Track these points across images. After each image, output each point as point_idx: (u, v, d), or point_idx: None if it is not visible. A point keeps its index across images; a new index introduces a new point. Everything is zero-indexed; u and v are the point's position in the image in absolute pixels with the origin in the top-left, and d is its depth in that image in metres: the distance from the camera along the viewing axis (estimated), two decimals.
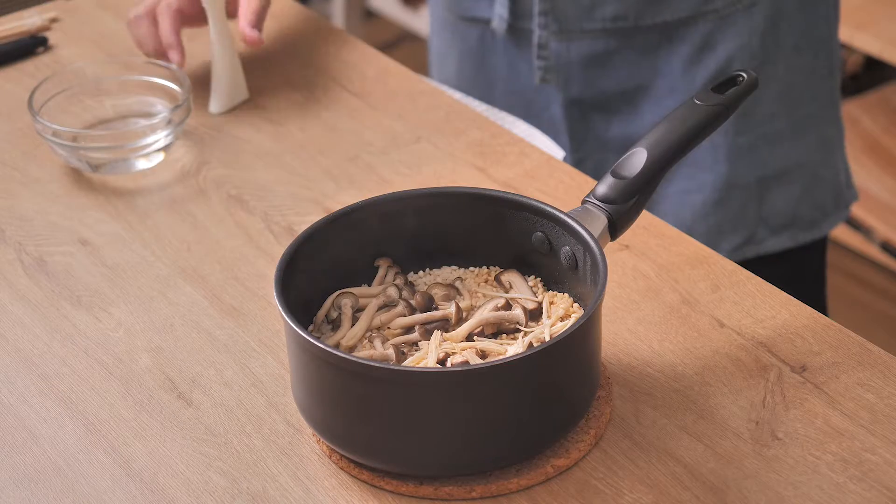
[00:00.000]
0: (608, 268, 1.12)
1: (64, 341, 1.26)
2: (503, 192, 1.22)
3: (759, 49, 1.66)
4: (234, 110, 1.58)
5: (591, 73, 1.69)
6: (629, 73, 1.68)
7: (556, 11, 1.66)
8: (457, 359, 1.11)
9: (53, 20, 1.73)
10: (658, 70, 1.68)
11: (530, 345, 1.13)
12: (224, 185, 1.46)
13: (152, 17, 1.56)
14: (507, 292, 1.20)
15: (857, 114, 2.95)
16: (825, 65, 1.73)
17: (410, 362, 1.12)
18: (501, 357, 1.10)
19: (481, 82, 1.79)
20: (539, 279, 1.21)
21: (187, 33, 1.61)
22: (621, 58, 1.68)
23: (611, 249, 1.29)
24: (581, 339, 1.09)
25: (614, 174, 1.18)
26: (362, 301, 1.19)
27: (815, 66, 1.72)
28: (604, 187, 1.18)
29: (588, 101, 1.71)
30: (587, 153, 1.74)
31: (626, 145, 1.70)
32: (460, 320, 1.17)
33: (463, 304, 1.18)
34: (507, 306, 1.16)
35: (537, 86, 1.72)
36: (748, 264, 1.35)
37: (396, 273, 1.22)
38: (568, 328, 1.08)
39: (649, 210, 1.38)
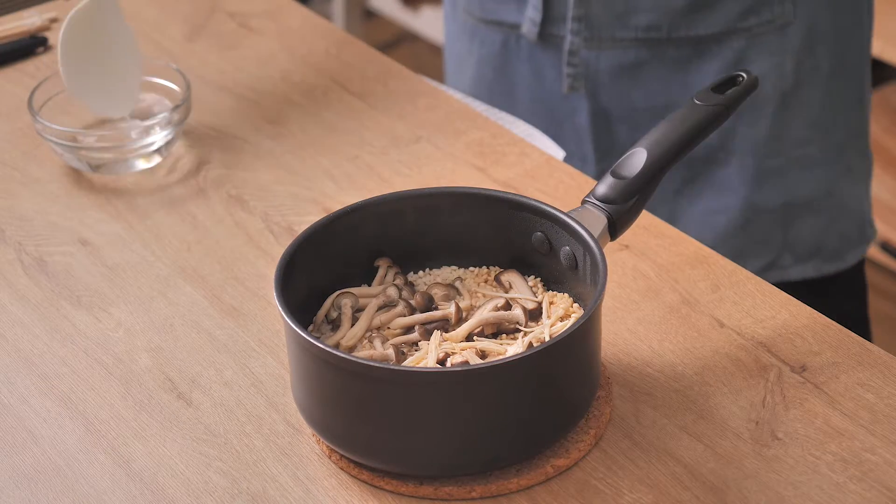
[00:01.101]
0: (608, 268, 1.12)
1: (64, 341, 1.26)
2: (503, 192, 1.22)
3: (792, 71, 1.64)
4: (234, 110, 1.58)
5: (620, 84, 1.67)
6: (659, 87, 1.66)
7: (589, 17, 1.64)
8: (457, 359, 1.11)
9: (53, 20, 1.73)
10: (688, 86, 1.65)
11: (530, 345, 1.13)
12: (224, 185, 1.46)
13: None
14: (507, 292, 1.20)
15: None
16: (856, 94, 1.71)
17: (410, 362, 1.12)
18: (501, 357, 1.10)
19: (501, 88, 1.77)
20: (539, 279, 1.21)
21: None
22: (652, 70, 1.66)
23: (611, 249, 1.29)
24: (581, 339, 1.09)
25: (614, 174, 1.18)
26: (362, 301, 1.19)
27: (848, 94, 1.70)
28: (604, 187, 1.18)
29: (615, 113, 1.69)
30: (611, 164, 1.71)
31: None
32: (460, 320, 1.17)
33: (463, 304, 1.18)
34: (507, 306, 1.16)
35: (564, 94, 1.70)
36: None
37: (396, 273, 1.22)
38: (568, 328, 1.08)
39: (672, 226, 1.38)
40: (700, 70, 1.65)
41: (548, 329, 1.14)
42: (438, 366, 1.11)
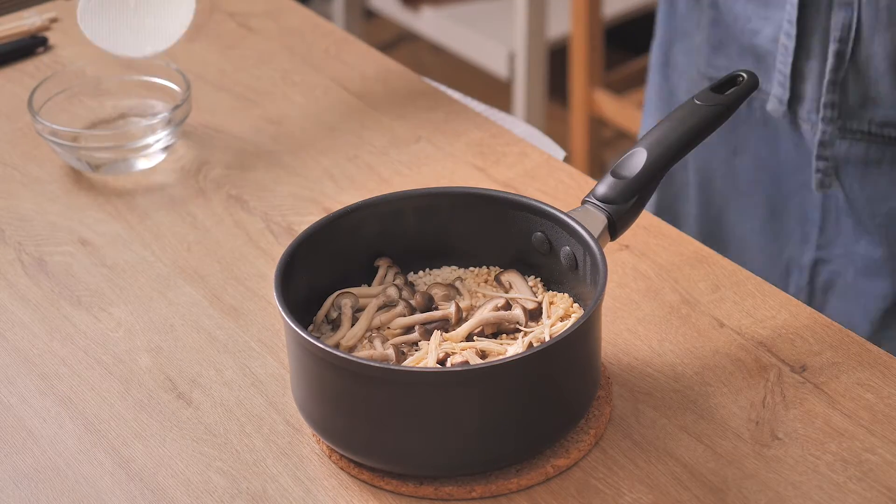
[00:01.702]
0: (608, 268, 1.12)
1: (64, 341, 1.26)
2: (503, 192, 1.22)
3: None
4: (234, 110, 1.58)
5: (865, 178, 1.46)
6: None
7: (842, 103, 1.43)
8: (457, 359, 1.11)
9: (53, 20, 1.73)
10: None
11: (530, 345, 1.12)
12: (224, 185, 1.46)
13: None
14: (507, 292, 1.20)
15: None
16: None
17: (410, 362, 1.12)
18: (501, 357, 1.10)
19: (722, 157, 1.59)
20: (539, 279, 1.21)
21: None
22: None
23: (611, 249, 1.29)
24: (581, 339, 1.09)
25: (614, 174, 1.18)
26: (362, 301, 1.19)
27: None
28: (604, 187, 1.18)
29: (853, 208, 1.49)
30: (831, 255, 1.53)
31: (870, 266, 1.47)
32: (460, 320, 1.17)
33: (463, 304, 1.18)
34: (507, 306, 1.16)
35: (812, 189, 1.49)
36: None
37: (396, 273, 1.22)
38: (568, 328, 1.08)
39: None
40: None
41: (548, 329, 1.14)
42: (438, 366, 1.11)
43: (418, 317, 1.17)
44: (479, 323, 1.16)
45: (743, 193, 1.57)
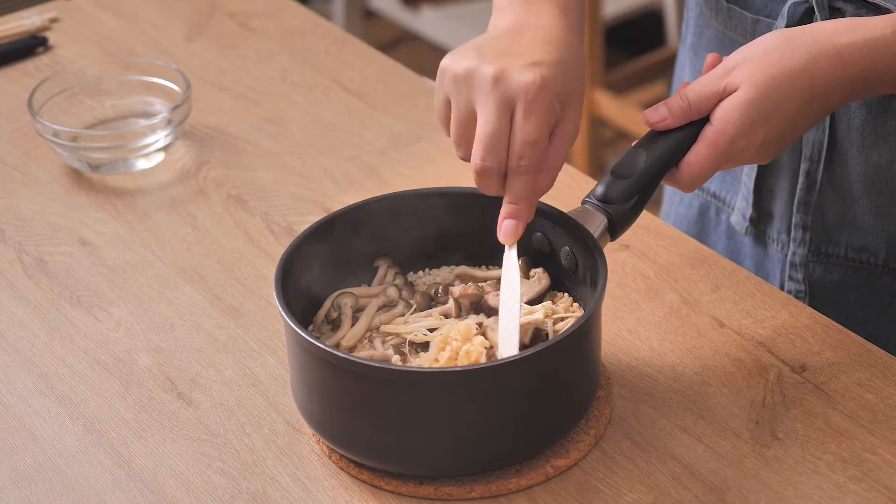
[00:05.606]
0: (608, 268, 1.12)
1: (64, 341, 1.26)
2: None
3: None
4: (234, 110, 1.58)
5: (839, 304, 1.38)
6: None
7: (816, 225, 1.35)
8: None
9: (53, 20, 1.73)
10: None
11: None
12: (224, 185, 1.46)
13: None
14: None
15: None
16: None
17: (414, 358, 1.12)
18: (502, 358, 1.10)
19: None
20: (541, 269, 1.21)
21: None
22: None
23: (611, 249, 1.29)
24: (581, 339, 1.09)
25: (614, 174, 1.18)
26: (362, 301, 1.19)
27: None
28: (604, 187, 1.17)
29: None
30: None
31: None
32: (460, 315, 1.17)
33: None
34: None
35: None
36: None
37: (396, 273, 1.22)
38: (568, 328, 1.08)
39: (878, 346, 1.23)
40: None
41: (551, 329, 1.14)
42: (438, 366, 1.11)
43: (419, 315, 1.17)
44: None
45: None
